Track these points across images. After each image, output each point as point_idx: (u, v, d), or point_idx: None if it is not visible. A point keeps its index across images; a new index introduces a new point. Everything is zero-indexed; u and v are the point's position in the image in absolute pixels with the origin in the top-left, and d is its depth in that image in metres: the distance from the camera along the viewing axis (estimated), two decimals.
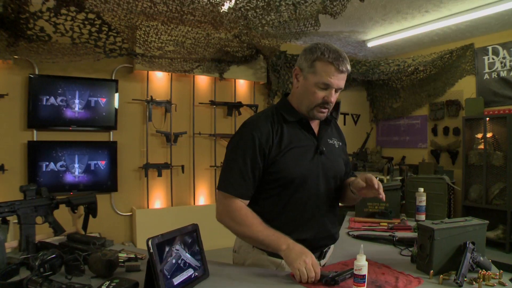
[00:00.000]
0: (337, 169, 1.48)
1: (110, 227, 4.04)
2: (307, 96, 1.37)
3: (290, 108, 1.44)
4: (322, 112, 1.39)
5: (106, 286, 1.05)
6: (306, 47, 1.39)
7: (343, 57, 1.33)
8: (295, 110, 1.43)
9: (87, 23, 3.02)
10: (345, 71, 1.34)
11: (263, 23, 3.35)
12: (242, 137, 1.37)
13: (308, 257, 1.23)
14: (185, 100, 4.62)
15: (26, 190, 1.51)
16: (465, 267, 1.24)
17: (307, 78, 1.36)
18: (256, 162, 1.33)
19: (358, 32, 4.75)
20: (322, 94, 1.35)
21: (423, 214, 2.10)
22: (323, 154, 1.42)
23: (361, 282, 1.11)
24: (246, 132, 1.37)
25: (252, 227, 1.30)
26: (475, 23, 4.27)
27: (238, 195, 1.34)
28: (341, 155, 1.54)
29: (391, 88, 5.92)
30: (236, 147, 1.37)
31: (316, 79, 1.33)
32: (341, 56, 1.32)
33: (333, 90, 1.35)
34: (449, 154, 5.15)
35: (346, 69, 1.34)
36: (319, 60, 1.32)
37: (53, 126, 3.79)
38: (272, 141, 1.35)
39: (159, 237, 1.06)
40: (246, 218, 1.32)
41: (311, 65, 1.34)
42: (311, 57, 1.34)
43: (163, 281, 1.01)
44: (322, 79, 1.32)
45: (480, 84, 4.78)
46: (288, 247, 1.26)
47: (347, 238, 1.86)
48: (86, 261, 1.25)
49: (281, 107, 1.46)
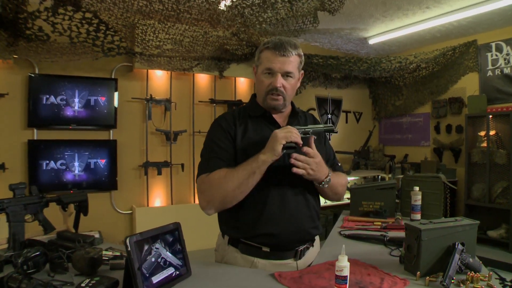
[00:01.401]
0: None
1: (110, 225, 4.07)
2: (259, 86, 1.45)
3: (255, 104, 1.50)
4: (274, 99, 1.42)
5: (86, 284, 1.06)
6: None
7: (285, 42, 1.38)
8: (259, 105, 1.48)
9: (84, 22, 3.03)
10: (287, 55, 1.37)
11: (260, 21, 3.33)
12: (209, 132, 1.48)
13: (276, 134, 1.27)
14: (185, 98, 4.63)
15: (15, 188, 1.52)
16: (452, 269, 1.21)
17: (257, 71, 1.45)
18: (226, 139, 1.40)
19: (359, 29, 4.71)
20: (269, 81, 1.40)
21: (418, 214, 2.06)
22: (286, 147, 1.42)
23: (343, 283, 1.09)
24: (212, 126, 1.48)
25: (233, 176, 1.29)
26: (477, 19, 4.21)
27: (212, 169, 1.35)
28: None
29: (393, 85, 5.87)
30: (205, 142, 1.47)
31: (262, 68, 1.41)
32: (282, 42, 1.38)
33: (278, 75, 1.38)
34: (451, 152, 5.09)
35: (289, 53, 1.37)
36: (262, 51, 1.42)
37: (53, 125, 3.81)
38: (236, 129, 1.41)
39: (137, 236, 1.06)
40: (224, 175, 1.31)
41: (258, 58, 1.44)
42: (258, 50, 1.44)
43: (140, 280, 1.01)
44: (265, 65, 1.40)
45: (483, 81, 4.72)
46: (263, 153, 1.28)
47: (338, 238, 1.84)
48: (70, 259, 1.25)
49: (247, 105, 1.53)
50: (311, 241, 1.51)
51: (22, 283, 1.02)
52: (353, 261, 1.41)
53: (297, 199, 1.41)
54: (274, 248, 1.39)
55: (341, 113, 6.12)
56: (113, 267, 1.29)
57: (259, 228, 1.36)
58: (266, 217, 1.36)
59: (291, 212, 1.39)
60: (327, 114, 5.95)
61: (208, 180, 1.33)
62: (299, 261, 1.44)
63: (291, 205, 1.40)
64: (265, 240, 1.38)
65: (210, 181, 1.32)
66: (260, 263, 1.39)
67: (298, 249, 1.44)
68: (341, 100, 6.10)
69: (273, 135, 1.28)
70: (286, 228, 1.38)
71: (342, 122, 6.13)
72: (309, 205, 1.46)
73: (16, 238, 1.40)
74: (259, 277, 1.24)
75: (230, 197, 1.31)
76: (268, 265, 1.38)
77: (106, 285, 1.07)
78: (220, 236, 1.51)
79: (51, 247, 1.39)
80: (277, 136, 1.26)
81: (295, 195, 1.41)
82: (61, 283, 1.10)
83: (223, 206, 1.35)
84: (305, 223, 1.43)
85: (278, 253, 1.40)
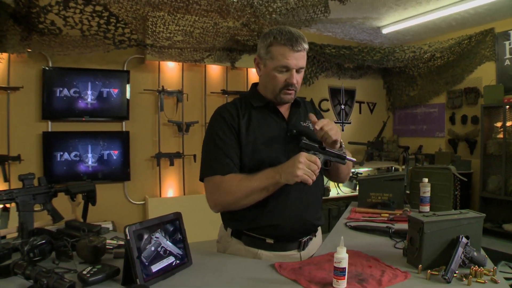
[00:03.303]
0: None
1: (124, 216, 4.15)
2: (270, 81, 1.39)
3: (258, 94, 1.47)
4: (288, 94, 1.40)
5: (87, 271, 1.08)
6: (262, 35, 1.41)
7: (297, 36, 1.33)
8: (262, 96, 1.45)
9: (95, 15, 3.06)
10: (301, 49, 1.35)
11: (270, 11, 3.30)
12: (212, 123, 1.43)
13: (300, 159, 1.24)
14: (197, 89, 4.65)
15: (24, 178, 1.57)
16: (455, 263, 1.18)
17: (266, 65, 1.39)
18: (231, 134, 1.37)
19: (372, 18, 4.62)
20: (284, 77, 1.37)
21: (427, 206, 2.04)
22: (293, 136, 1.42)
23: (341, 275, 1.09)
24: (214, 118, 1.44)
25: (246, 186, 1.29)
26: (495, 6, 4.06)
27: (223, 173, 1.33)
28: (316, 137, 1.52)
29: (408, 75, 5.76)
30: (208, 134, 1.43)
31: (274, 64, 1.35)
32: (294, 36, 1.33)
33: (293, 71, 1.36)
34: (467, 144, 4.98)
35: (302, 47, 1.35)
36: (273, 44, 1.35)
37: (67, 117, 3.89)
38: (239, 121, 1.38)
39: (137, 225, 1.08)
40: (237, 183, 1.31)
41: (267, 52, 1.37)
42: (265, 43, 1.37)
43: (139, 268, 1.03)
44: (280, 62, 1.34)
45: (500, 70, 4.57)
46: (280, 173, 1.26)
47: (344, 229, 1.83)
48: (75, 247, 1.28)
49: (249, 95, 1.49)
50: (314, 232, 1.52)
51: (27, 269, 1.06)
52: (355, 253, 1.40)
53: (300, 190, 1.40)
54: (278, 239, 1.40)
55: (355, 104, 6.05)
56: (117, 256, 1.31)
57: (263, 220, 1.36)
58: (269, 209, 1.36)
59: (295, 203, 1.39)
60: (340, 105, 5.89)
61: (222, 184, 1.32)
62: (302, 252, 1.44)
63: (294, 196, 1.39)
64: (269, 232, 1.38)
65: (224, 186, 1.32)
66: (264, 255, 1.39)
67: (302, 240, 1.44)
68: (355, 90, 6.02)
69: (297, 162, 1.24)
70: (289, 219, 1.38)
71: (355, 112, 6.05)
72: (312, 197, 1.45)
73: (24, 227, 1.45)
74: (260, 268, 1.25)
75: (239, 204, 1.33)
76: (272, 257, 1.39)
77: (107, 273, 1.10)
78: (222, 228, 1.51)
79: (58, 236, 1.43)
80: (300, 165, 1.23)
81: (298, 186, 1.41)
82: (64, 270, 1.14)
83: (229, 209, 1.38)
84: (308, 215, 1.43)
85: (282, 244, 1.41)
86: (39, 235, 1.38)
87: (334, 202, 5.05)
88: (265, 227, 1.37)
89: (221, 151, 1.35)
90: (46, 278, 0.99)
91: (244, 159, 1.37)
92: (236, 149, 1.36)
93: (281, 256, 1.39)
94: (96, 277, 1.07)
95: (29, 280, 1.05)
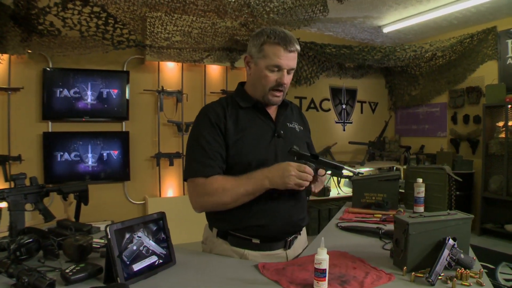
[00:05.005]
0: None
1: (123, 215, 4.13)
2: (260, 81, 1.38)
3: (245, 95, 1.45)
4: (276, 96, 1.40)
5: (70, 270, 1.09)
6: (253, 33, 1.40)
7: (290, 36, 1.34)
8: (250, 96, 1.44)
9: (93, 16, 3.09)
10: (294, 50, 1.35)
11: (267, 11, 3.31)
12: (197, 123, 1.42)
13: (290, 170, 1.25)
14: (197, 89, 4.66)
15: (15, 178, 1.58)
16: (440, 265, 1.16)
17: (257, 64, 1.37)
18: (217, 135, 1.36)
19: (373, 17, 4.60)
20: (275, 77, 1.36)
21: (421, 206, 2.02)
22: (281, 137, 1.42)
23: (322, 277, 1.08)
24: (200, 117, 1.42)
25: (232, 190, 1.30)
26: (497, 4, 4.02)
27: (206, 174, 1.33)
28: (302, 139, 1.53)
29: (409, 75, 5.72)
30: (192, 134, 1.41)
31: (267, 62, 1.35)
32: (287, 36, 1.33)
33: (285, 71, 1.36)
34: (469, 143, 4.94)
35: (295, 48, 1.35)
36: (266, 43, 1.34)
37: (67, 118, 3.93)
38: (226, 121, 1.37)
39: (118, 224, 1.09)
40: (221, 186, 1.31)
41: (259, 50, 1.36)
42: (258, 42, 1.36)
43: (120, 267, 1.04)
44: (272, 61, 1.34)
45: (503, 69, 4.53)
46: (270, 180, 1.28)
47: (334, 230, 1.82)
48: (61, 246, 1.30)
49: (236, 94, 1.47)
50: (299, 231, 1.52)
51: (10, 268, 1.07)
52: (341, 254, 1.40)
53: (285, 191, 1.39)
54: (264, 239, 1.40)
55: (356, 103, 6.02)
56: (103, 255, 1.32)
57: (248, 220, 1.36)
58: (255, 209, 1.36)
59: (280, 204, 1.39)
60: (341, 105, 5.87)
61: (204, 187, 1.32)
62: (288, 251, 1.44)
63: (280, 197, 1.39)
64: (256, 232, 1.38)
65: (207, 189, 1.32)
66: (251, 255, 1.39)
67: (288, 239, 1.44)
68: (356, 90, 6.00)
69: (286, 170, 1.26)
70: (275, 219, 1.38)
71: (357, 112, 6.03)
72: (298, 197, 1.45)
73: (14, 226, 1.46)
74: (243, 268, 1.25)
75: (224, 207, 1.34)
76: (259, 256, 1.39)
77: (89, 272, 1.11)
78: (207, 228, 1.50)
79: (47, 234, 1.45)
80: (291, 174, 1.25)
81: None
82: (49, 268, 1.15)
83: (213, 210, 1.39)
84: (293, 215, 1.43)
85: (268, 244, 1.41)
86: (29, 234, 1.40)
87: (335, 202, 5.03)
88: (252, 227, 1.37)
89: (205, 152, 1.34)
90: (28, 276, 1.01)
91: (231, 159, 1.36)
92: (221, 150, 1.36)
93: (267, 256, 1.39)
94: (78, 275, 1.09)
95: (12, 278, 1.06)
